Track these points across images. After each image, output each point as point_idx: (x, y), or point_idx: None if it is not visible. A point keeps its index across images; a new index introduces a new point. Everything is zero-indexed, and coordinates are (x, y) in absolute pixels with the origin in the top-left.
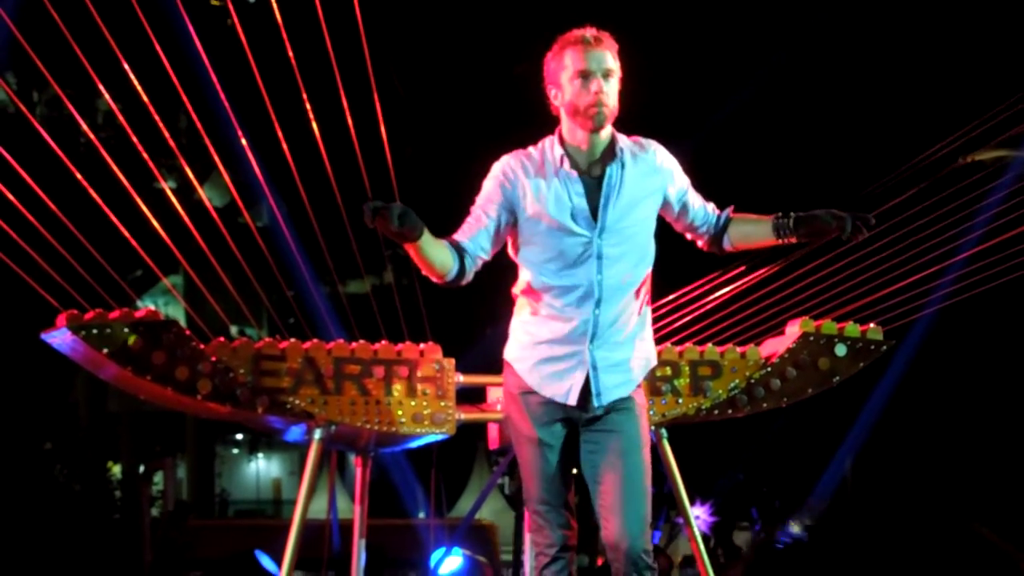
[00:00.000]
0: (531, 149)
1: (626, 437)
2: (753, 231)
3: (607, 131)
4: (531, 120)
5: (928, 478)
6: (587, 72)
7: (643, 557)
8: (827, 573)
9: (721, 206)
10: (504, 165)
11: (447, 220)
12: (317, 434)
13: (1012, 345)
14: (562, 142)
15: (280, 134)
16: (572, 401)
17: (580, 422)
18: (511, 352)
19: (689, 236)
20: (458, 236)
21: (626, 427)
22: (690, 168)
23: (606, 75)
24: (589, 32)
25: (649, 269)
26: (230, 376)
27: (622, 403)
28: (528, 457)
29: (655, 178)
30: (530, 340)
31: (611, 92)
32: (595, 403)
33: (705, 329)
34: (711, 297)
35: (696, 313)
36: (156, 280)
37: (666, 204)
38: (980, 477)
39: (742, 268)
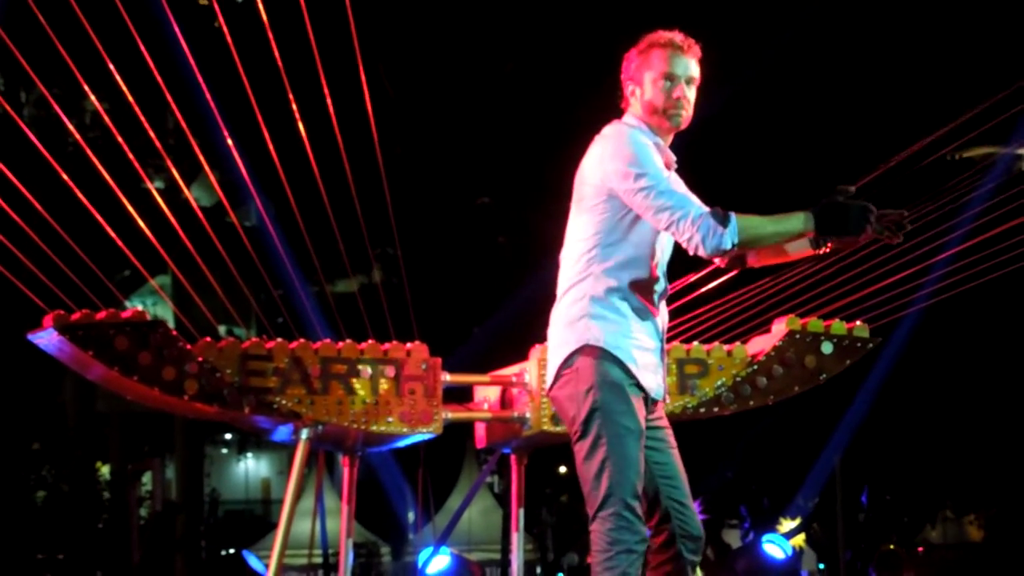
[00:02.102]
0: (637, 127)
1: (671, 432)
2: (786, 249)
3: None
4: (522, 117)
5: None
6: (672, 76)
7: None
8: None
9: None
10: (644, 135)
11: (434, 218)
12: (304, 434)
13: (999, 341)
14: None
15: (267, 134)
16: (660, 396)
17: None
18: (609, 339)
19: None
20: (704, 212)
21: (667, 423)
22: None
23: (689, 81)
24: (679, 36)
25: None
26: (217, 376)
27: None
28: (630, 451)
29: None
30: (627, 328)
31: (691, 99)
32: (660, 397)
33: (692, 327)
34: (697, 295)
35: (683, 311)
36: (143, 281)
37: None
38: (966, 470)
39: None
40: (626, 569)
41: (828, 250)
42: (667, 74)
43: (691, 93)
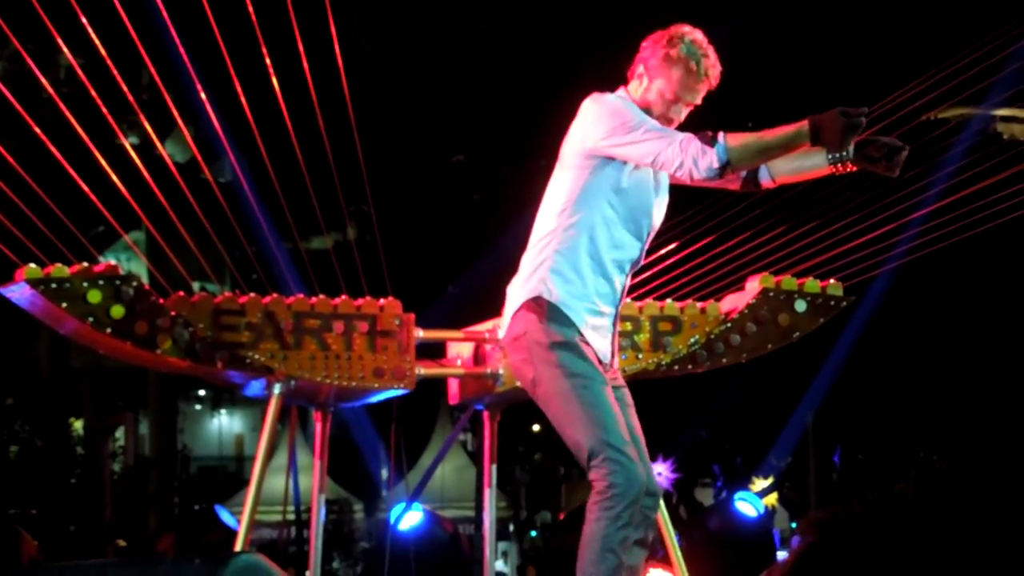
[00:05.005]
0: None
1: (628, 392)
2: (801, 165)
3: None
4: (497, 75)
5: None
6: (684, 101)
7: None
8: None
9: None
10: (628, 99)
11: (408, 175)
12: (277, 389)
13: (972, 301)
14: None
15: (241, 90)
16: (607, 359)
17: None
18: (563, 296)
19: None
20: (687, 135)
21: (623, 383)
22: None
23: (690, 105)
24: (713, 67)
25: None
26: (190, 331)
27: (613, 362)
28: (600, 397)
29: None
30: (583, 289)
31: (683, 118)
32: (607, 361)
33: (665, 284)
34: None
35: (656, 268)
36: (117, 236)
37: None
38: (938, 429)
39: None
40: (620, 511)
41: (847, 170)
42: (680, 97)
43: (685, 113)
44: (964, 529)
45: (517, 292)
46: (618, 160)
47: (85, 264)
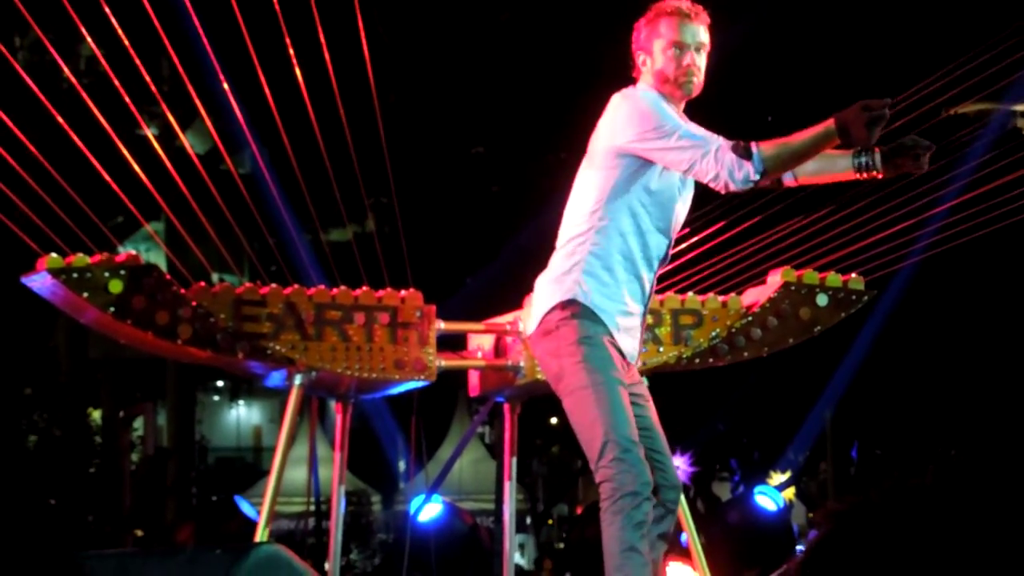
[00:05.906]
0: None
1: (646, 387)
2: (824, 167)
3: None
4: (517, 67)
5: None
6: (681, 44)
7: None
8: None
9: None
10: (658, 95)
11: (430, 168)
12: (297, 380)
13: (992, 296)
14: None
15: (263, 81)
16: (634, 359)
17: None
18: (596, 299)
19: None
20: (722, 144)
21: (640, 378)
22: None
23: (698, 48)
24: (686, 4)
25: None
26: (210, 321)
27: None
28: (617, 398)
29: None
30: (616, 289)
31: (701, 66)
32: (633, 361)
33: (687, 278)
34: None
35: (678, 262)
36: (138, 226)
37: None
38: (958, 425)
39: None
40: (630, 511)
41: (871, 177)
42: (676, 42)
43: (701, 60)
44: (982, 520)
45: (549, 290)
46: (648, 160)
47: (107, 254)
